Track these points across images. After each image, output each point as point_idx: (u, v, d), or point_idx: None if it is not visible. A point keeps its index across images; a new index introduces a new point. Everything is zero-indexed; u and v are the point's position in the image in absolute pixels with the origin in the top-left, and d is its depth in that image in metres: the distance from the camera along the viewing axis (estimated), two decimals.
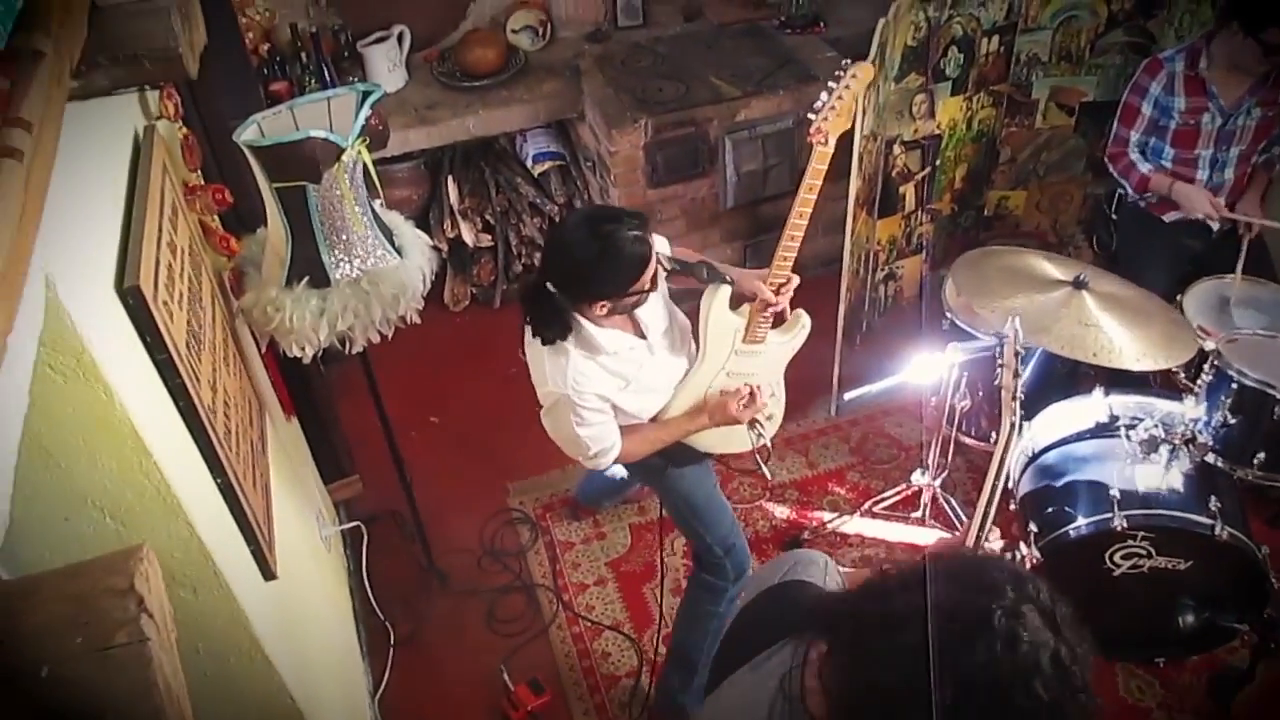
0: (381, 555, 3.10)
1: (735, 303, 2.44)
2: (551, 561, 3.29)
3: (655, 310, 2.40)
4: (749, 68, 3.90)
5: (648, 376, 2.38)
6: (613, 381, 2.30)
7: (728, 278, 2.40)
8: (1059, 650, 1.05)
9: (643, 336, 2.37)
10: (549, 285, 2.20)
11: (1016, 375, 2.26)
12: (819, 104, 2.29)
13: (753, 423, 2.52)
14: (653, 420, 2.48)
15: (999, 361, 2.35)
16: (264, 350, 2.47)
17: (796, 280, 2.39)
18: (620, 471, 3.00)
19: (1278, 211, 3.26)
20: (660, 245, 2.31)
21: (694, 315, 2.49)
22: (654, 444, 2.45)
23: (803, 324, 2.51)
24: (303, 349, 2.23)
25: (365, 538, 2.98)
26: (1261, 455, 2.57)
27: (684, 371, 2.48)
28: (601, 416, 2.30)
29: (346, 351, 2.32)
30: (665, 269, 2.31)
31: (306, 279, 2.18)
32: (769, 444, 2.59)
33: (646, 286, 2.21)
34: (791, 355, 2.56)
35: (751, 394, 2.44)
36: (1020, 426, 2.98)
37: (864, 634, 1.13)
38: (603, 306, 2.20)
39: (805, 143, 3.79)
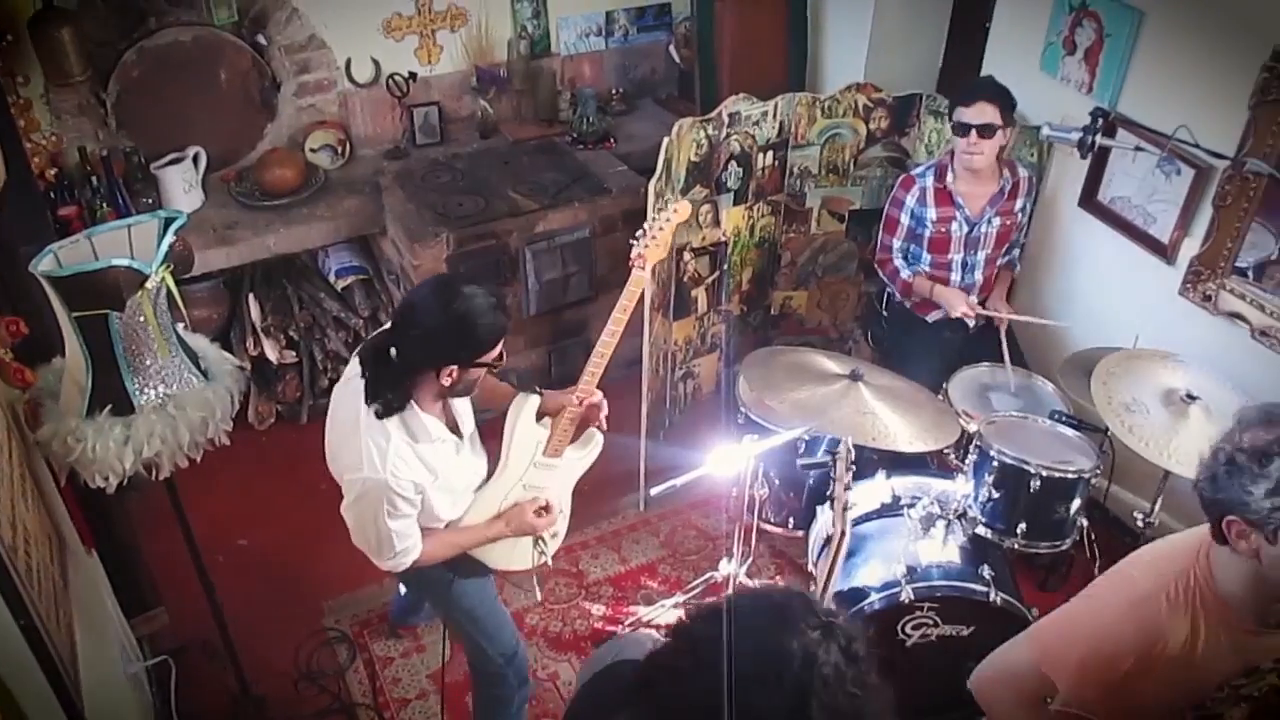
0: (192, 688, 2.97)
1: (538, 416, 2.54)
2: (371, 679, 3.24)
3: (466, 409, 2.46)
4: (545, 182, 4.09)
5: (453, 474, 2.40)
6: (426, 474, 2.28)
7: (536, 388, 2.49)
8: (842, 664, 1.11)
9: (456, 432, 2.41)
10: (393, 351, 2.19)
11: (848, 489, 2.45)
12: (640, 233, 2.41)
13: (537, 539, 2.60)
14: (449, 527, 2.49)
15: (832, 476, 2.54)
16: (63, 483, 2.39)
17: (601, 396, 2.52)
18: (401, 588, 3.09)
19: (1022, 306, 3.66)
20: None
21: (497, 424, 2.55)
22: (451, 548, 2.47)
23: (596, 441, 2.62)
24: (106, 479, 2.18)
25: (173, 671, 2.86)
26: (1023, 525, 2.85)
27: (479, 477, 2.52)
28: (411, 509, 2.28)
29: (154, 478, 2.28)
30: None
31: (109, 407, 2.15)
32: (549, 561, 2.67)
33: (493, 360, 2.24)
34: (583, 473, 2.65)
35: (548, 505, 2.52)
36: (818, 513, 3.20)
37: (677, 683, 1.16)
38: (449, 374, 2.19)
39: (601, 251, 4.03)
